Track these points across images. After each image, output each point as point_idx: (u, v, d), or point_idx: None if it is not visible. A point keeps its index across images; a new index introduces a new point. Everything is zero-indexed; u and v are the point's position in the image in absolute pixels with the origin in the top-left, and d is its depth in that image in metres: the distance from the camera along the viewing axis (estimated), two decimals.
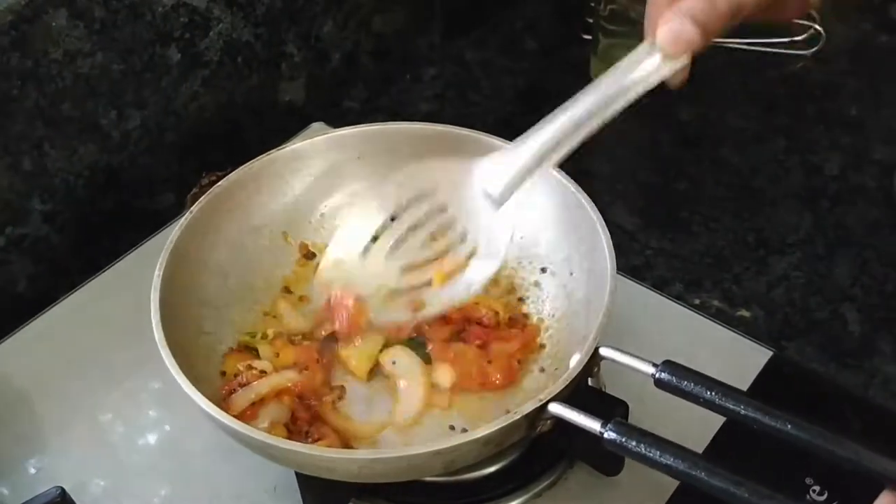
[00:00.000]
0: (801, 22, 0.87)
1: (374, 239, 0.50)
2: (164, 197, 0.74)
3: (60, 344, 0.62)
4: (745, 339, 0.60)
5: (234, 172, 0.56)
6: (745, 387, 0.56)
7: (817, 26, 0.86)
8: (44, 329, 0.63)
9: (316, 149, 0.59)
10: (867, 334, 0.62)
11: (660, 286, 0.65)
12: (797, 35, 0.87)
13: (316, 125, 0.77)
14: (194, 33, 0.70)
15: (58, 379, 0.59)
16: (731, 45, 0.87)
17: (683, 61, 0.42)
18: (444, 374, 0.52)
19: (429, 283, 0.49)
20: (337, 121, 0.78)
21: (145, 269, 0.51)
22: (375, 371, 0.54)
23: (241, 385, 0.50)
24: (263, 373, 0.52)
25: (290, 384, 0.51)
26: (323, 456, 0.44)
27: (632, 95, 0.43)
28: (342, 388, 0.54)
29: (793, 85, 0.84)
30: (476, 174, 0.48)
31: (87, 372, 0.60)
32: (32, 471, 0.55)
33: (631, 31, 0.80)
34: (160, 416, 0.57)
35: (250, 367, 0.52)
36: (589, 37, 0.83)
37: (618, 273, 0.64)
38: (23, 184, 0.64)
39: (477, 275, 0.48)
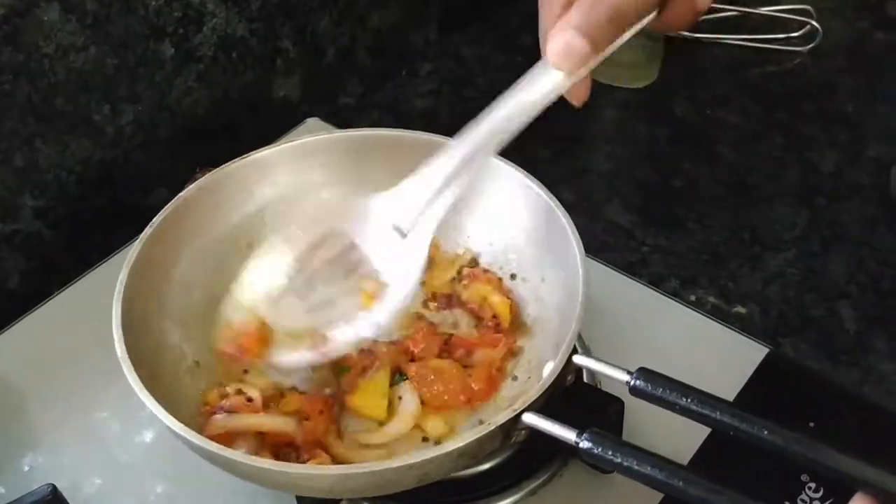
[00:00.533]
0: (797, 18, 0.87)
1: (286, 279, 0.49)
2: (158, 193, 0.74)
3: (54, 340, 0.61)
4: (741, 336, 0.60)
5: (195, 182, 0.55)
6: (740, 384, 0.56)
7: (814, 23, 0.86)
8: (37, 325, 0.62)
9: (280, 157, 0.58)
10: (862, 332, 0.62)
11: (655, 283, 0.65)
12: (793, 32, 0.87)
13: (311, 121, 0.77)
14: (188, 28, 0.70)
15: (51, 376, 0.59)
16: (727, 42, 0.87)
17: (579, 75, 0.42)
18: (436, 428, 0.51)
19: (336, 321, 0.48)
20: (332, 117, 0.78)
21: None
22: None
23: (227, 410, 0.48)
24: (251, 400, 0.50)
25: (287, 430, 0.49)
26: (294, 473, 0.43)
27: (530, 113, 0.43)
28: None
29: (789, 82, 0.84)
30: (382, 208, 0.48)
31: (81, 369, 0.59)
32: (26, 468, 0.54)
33: None
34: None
35: (240, 392, 0.50)
36: None
37: (613, 269, 0.64)
38: (14, 179, 0.64)
39: (384, 311, 0.48)
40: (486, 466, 0.51)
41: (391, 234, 0.48)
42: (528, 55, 0.43)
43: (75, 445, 0.56)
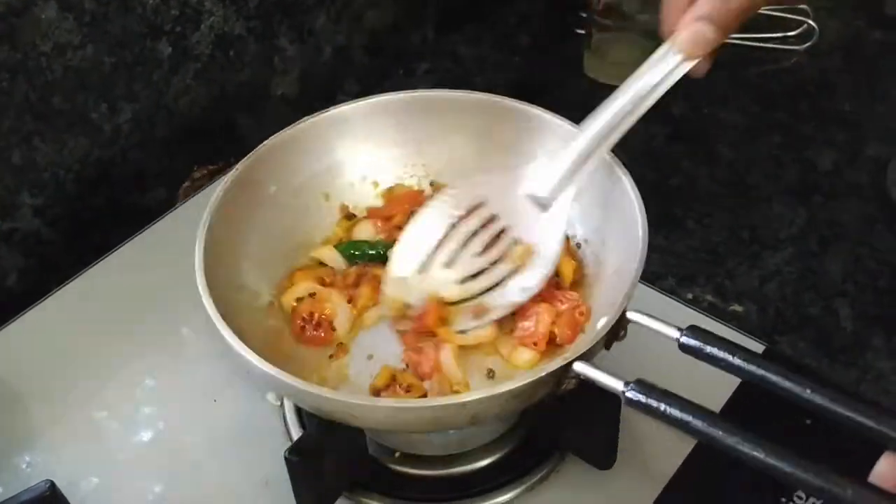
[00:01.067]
0: (794, 17, 0.87)
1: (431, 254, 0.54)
2: (156, 192, 0.74)
3: (51, 339, 0.61)
4: (737, 334, 0.60)
5: (277, 134, 0.57)
6: (736, 381, 0.56)
7: (811, 21, 0.86)
8: (34, 324, 0.62)
9: (358, 113, 0.60)
10: (860, 330, 0.62)
11: (652, 281, 0.65)
12: (790, 30, 0.87)
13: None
14: (185, 26, 0.70)
15: (49, 374, 0.59)
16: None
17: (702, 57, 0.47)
18: (513, 356, 0.52)
19: (487, 290, 0.52)
20: None
21: (136, 263, 0.51)
22: None
23: (306, 320, 0.52)
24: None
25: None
26: (348, 402, 0.44)
27: (657, 94, 0.49)
28: None
29: (787, 81, 0.84)
30: (522, 182, 0.53)
31: (79, 367, 0.59)
32: (24, 467, 0.54)
33: (624, 26, 0.80)
34: (154, 412, 0.57)
35: (313, 296, 0.53)
36: (582, 31, 0.83)
37: None
38: (12, 178, 0.64)
39: (531, 279, 0.52)
40: (484, 462, 0.52)
41: (532, 206, 0.52)
42: (525, 55, 0.43)
43: (73, 444, 0.56)
